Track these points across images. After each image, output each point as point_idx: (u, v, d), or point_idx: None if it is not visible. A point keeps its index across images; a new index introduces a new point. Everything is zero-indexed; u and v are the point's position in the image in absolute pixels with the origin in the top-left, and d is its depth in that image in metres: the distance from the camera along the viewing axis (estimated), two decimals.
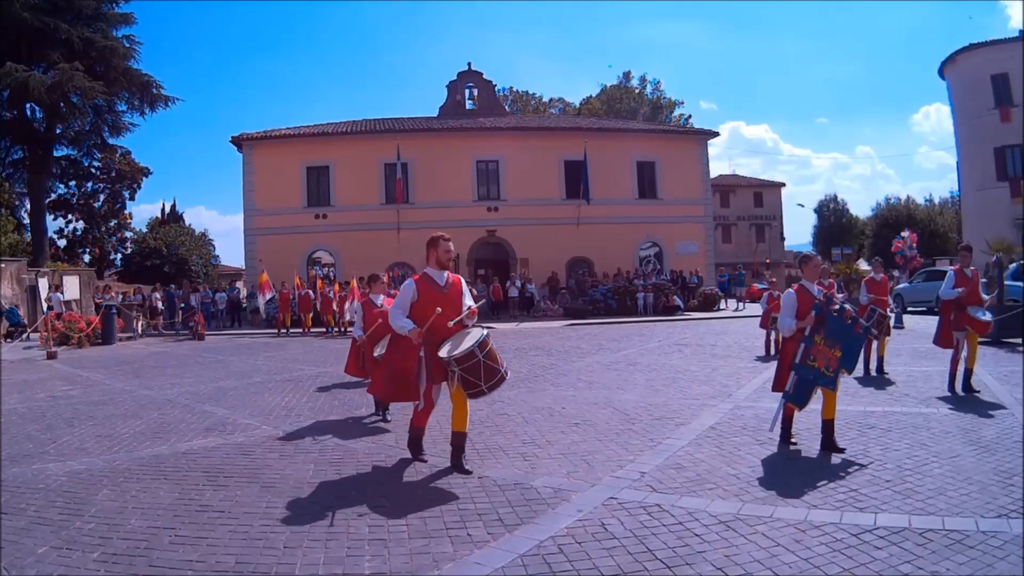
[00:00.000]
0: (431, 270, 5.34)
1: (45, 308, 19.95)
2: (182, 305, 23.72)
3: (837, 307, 5.61)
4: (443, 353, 4.92)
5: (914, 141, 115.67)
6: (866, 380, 9.04)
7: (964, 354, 7.94)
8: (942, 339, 8.22)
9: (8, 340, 18.28)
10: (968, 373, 7.86)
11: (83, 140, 33.87)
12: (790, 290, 5.88)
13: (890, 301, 10.27)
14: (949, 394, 7.75)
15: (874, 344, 9.49)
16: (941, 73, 35.01)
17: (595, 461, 5.37)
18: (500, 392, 8.99)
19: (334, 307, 20.70)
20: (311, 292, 22.35)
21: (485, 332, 5.07)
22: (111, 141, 34.93)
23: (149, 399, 9.02)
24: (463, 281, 5.51)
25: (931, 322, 18.85)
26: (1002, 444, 5.53)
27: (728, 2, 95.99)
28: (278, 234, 28.02)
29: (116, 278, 34.45)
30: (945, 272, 22.85)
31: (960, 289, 7.85)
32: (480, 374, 4.87)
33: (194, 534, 3.97)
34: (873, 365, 9.56)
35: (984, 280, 10.24)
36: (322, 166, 28.97)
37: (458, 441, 5.20)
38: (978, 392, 7.73)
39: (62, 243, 36.30)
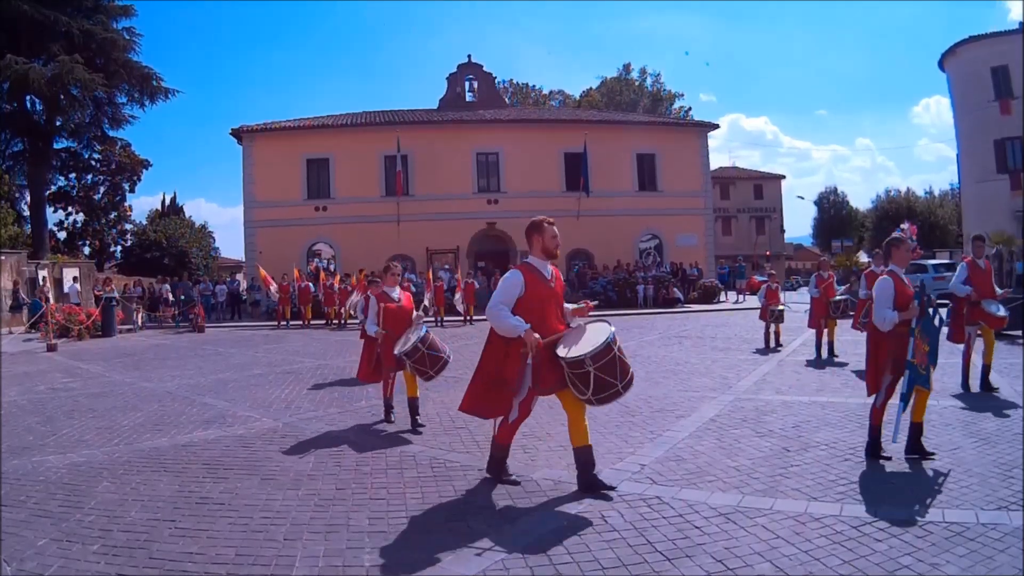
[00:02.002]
0: (535, 259, 4.54)
1: (40, 300, 20.06)
2: (182, 297, 23.83)
3: (927, 296, 5.01)
4: (571, 352, 4.18)
5: (914, 133, 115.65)
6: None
7: (981, 349, 7.60)
8: (954, 334, 7.84)
9: (30, 331, 18.38)
10: (986, 370, 7.48)
11: (83, 132, 33.79)
12: (886, 278, 5.05)
13: None
14: (963, 391, 7.39)
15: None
16: (941, 65, 34.85)
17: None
18: None
19: (336, 300, 20.92)
20: (311, 285, 22.39)
21: (610, 326, 4.36)
22: (111, 133, 34.94)
23: (149, 391, 9.02)
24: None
25: None
26: (1002, 436, 5.52)
27: None
28: (278, 226, 27.97)
29: (116, 270, 34.38)
30: (926, 265, 22.76)
31: (970, 288, 7.51)
32: (616, 372, 4.18)
33: (194, 526, 3.97)
34: None
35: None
36: (322, 158, 28.89)
37: (586, 456, 4.44)
38: (996, 389, 7.38)
39: (62, 235, 36.23)
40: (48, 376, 10.84)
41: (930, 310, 5.03)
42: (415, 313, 6.83)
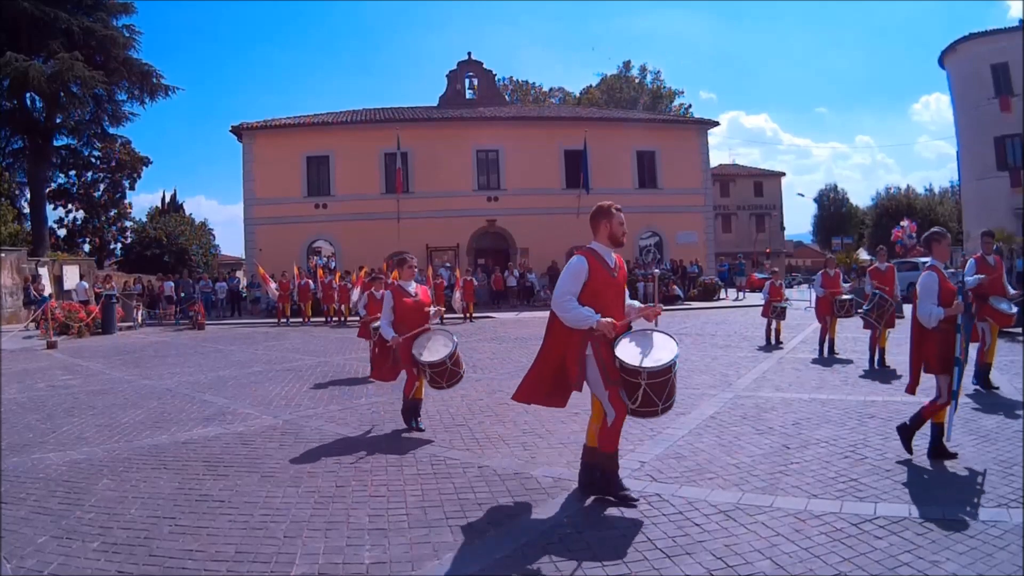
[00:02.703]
0: (599, 246, 4.28)
1: (33, 297, 20.13)
2: (182, 294, 23.84)
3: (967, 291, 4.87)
4: (631, 359, 3.92)
5: (914, 131, 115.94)
6: (868, 371, 9.02)
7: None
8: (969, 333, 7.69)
9: (30, 326, 18.41)
10: (986, 368, 7.39)
11: (83, 130, 33.74)
12: (931, 272, 4.88)
13: (897, 292, 9.75)
14: (974, 390, 7.26)
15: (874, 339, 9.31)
16: (941, 62, 34.83)
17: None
18: (501, 382, 9.04)
19: (335, 298, 20.96)
20: (311, 282, 22.38)
21: (678, 346, 4.10)
22: (111, 131, 34.84)
23: (149, 389, 9.02)
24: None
25: None
26: (1002, 434, 5.52)
27: None
28: (278, 224, 27.98)
29: (116, 268, 34.36)
30: (916, 263, 22.63)
31: (980, 276, 7.27)
32: (663, 394, 3.95)
33: (194, 524, 3.97)
34: (876, 358, 9.21)
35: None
36: (322, 156, 28.88)
37: (595, 458, 4.26)
38: (997, 388, 7.31)
39: (62, 233, 36.19)
40: (48, 373, 10.83)
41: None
42: (432, 309, 6.32)
